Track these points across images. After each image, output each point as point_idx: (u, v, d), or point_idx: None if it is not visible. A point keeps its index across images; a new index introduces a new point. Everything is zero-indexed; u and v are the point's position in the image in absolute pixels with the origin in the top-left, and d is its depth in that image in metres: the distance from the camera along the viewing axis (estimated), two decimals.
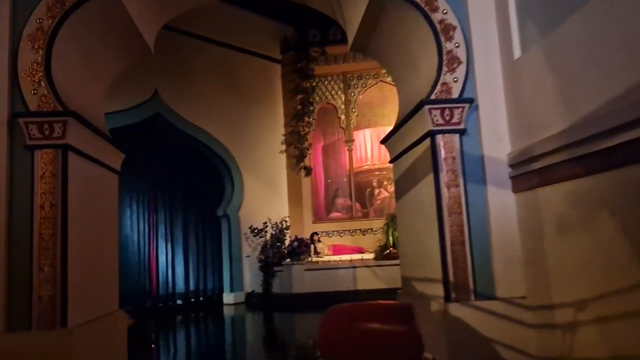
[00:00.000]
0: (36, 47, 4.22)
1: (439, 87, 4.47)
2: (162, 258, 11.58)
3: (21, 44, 4.21)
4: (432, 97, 4.45)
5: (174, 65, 11.06)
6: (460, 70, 4.50)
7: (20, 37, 4.22)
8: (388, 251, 9.79)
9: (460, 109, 4.42)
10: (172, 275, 11.59)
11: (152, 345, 7.74)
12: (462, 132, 4.42)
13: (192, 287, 11.70)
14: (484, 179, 4.40)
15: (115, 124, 9.57)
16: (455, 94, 4.47)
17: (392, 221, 9.95)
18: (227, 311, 10.60)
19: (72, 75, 4.58)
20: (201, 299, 11.65)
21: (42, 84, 4.17)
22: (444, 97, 4.45)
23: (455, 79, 4.48)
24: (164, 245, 11.66)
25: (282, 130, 11.67)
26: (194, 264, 11.77)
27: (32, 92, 4.14)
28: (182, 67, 11.18)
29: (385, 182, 11.87)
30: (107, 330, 4.81)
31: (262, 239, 10.80)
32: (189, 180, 11.81)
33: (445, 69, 4.49)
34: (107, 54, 5.09)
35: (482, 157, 4.42)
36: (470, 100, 4.45)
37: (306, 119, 11.62)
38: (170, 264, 11.61)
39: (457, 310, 4.18)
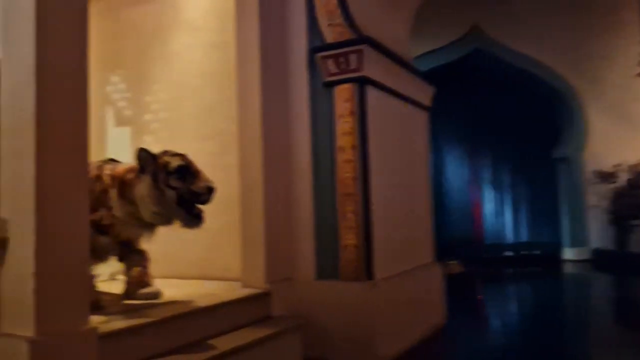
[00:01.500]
0: None
1: None
2: (487, 206, 10.70)
3: None
4: None
5: None
6: None
7: None
8: None
9: None
10: (500, 225, 10.61)
11: (479, 297, 7.13)
12: None
13: (523, 238, 10.49)
14: None
15: (428, 66, 9.03)
16: None
17: None
18: (568, 269, 9.09)
19: (369, 2, 4.06)
20: (536, 252, 10.33)
21: (337, 13, 3.77)
22: None
23: None
24: (489, 191, 10.73)
25: (639, 48, 9.05)
26: (525, 213, 10.49)
27: (328, 23, 3.79)
28: None
29: None
30: (419, 283, 4.32)
31: (613, 185, 8.73)
32: (516, 120, 10.39)
33: None
34: None
35: None
36: None
37: None
38: (497, 213, 10.63)
39: None
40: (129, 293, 3.42)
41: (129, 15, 4.92)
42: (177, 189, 3.01)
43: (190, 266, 4.45)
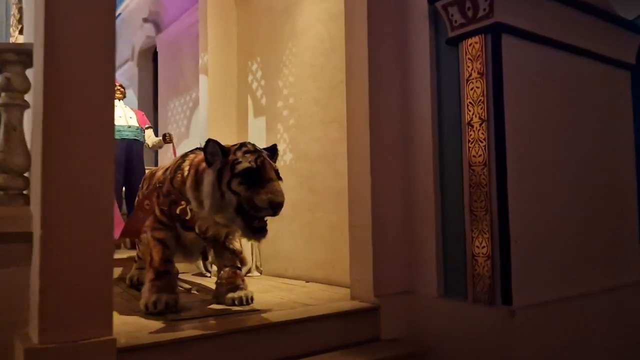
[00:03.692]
0: None
1: None
2: None
3: None
4: None
5: None
6: None
7: None
8: None
9: None
10: None
11: None
12: None
13: None
14: None
15: None
16: None
17: None
18: None
19: None
20: None
21: None
22: None
23: None
24: None
25: None
26: None
27: None
28: None
29: None
30: (607, 313, 3.04)
31: None
32: None
33: None
34: None
35: None
36: None
37: None
38: None
39: None
40: (217, 295, 3.09)
41: (262, 0, 4.67)
42: (238, 194, 2.53)
43: (314, 268, 3.97)
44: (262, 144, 4.55)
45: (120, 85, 5.13)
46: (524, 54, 2.79)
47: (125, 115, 4.97)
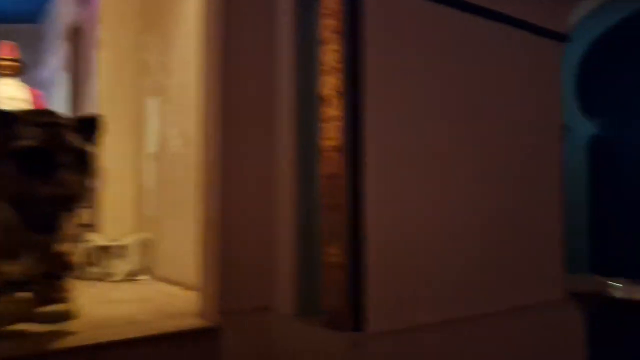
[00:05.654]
0: None
1: None
2: None
3: None
4: None
5: None
6: None
7: None
8: None
9: None
10: None
11: None
12: None
13: None
14: None
15: None
16: None
17: None
18: None
19: None
20: None
21: None
22: None
23: None
24: None
25: None
26: None
27: None
28: None
29: None
30: (505, 341, 2.46)
31: None
32: None
33: None
34: None
35: None
36: None
37: None
38: None
39: None
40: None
41: None
42: (14, 181, 1.93)
43: (197, 273, 3.38)
44: (154, 128, 3.97)
45: (12, 59, 4.37)
46: (399, 7, 2.19)
47: (16, 97, 4.28)
